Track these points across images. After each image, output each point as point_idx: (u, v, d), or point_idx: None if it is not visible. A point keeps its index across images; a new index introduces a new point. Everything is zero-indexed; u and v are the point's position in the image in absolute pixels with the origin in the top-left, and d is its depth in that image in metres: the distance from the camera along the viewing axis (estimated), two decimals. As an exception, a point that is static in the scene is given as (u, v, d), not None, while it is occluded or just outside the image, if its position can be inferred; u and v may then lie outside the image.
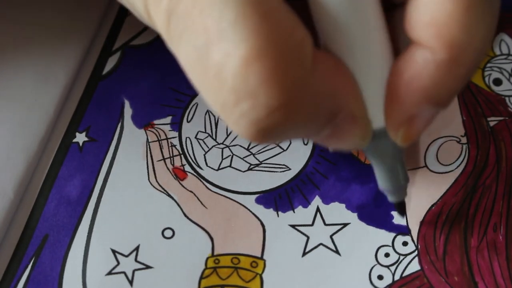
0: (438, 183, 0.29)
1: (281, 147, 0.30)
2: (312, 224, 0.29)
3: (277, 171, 0.30)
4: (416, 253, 0.28)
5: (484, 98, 0.31)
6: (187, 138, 0.31)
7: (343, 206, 0.29)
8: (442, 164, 0.30)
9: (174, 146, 0.31)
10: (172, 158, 0.30)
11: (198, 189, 0.30)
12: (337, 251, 0.28)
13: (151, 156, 0.30)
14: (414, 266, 0.28)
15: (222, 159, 0.30)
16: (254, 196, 0.29)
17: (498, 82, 0.32)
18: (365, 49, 0.20)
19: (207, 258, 0.28)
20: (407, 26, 0.20)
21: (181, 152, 0.31)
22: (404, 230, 0.28)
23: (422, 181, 0.29)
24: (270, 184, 0.30)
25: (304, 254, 0.28)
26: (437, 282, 0.27)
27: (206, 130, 0.31)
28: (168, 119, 0.31)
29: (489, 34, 0.20)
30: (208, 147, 0.31)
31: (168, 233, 0.29)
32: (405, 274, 0.28)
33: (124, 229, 0.29)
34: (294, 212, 0.29)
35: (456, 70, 0.20)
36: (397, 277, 0.27)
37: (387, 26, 0.21)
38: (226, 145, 0.31)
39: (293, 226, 0.29)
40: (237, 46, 0.17)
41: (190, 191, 0.30)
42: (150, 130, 0.31)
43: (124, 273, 0.28)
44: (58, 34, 0.33)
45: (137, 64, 0.33)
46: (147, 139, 0.31)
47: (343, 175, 0.30)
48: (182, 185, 0.30)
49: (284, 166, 0.30)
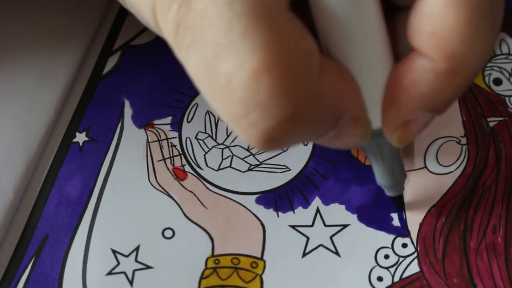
0: (438, 185, 0.29)
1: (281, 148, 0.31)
2: (312, 225, 0.29)
3: (277, 172, 0.30)
4: (415, 255, 0.28)
5: (484, 98, 0.31)
6: (187, 138, 0.31)
7: (343, 207, 0.29)
8: (441, 165, 0.30)
9: (174, 146, 0.31)
10: (172, 158, 0.30)
11: (198, 189, 0.30)
12: (337, 252, 0.28)
13: (151, 156, 0.30)
14: (414, 268, 0.28)
15: (222, 160, 0.30)
16: (254, 196, 0.29)
17: (498, 82, 0.32)
18: (366, 53, 0.20)
19: (207, 258, 0.28)
20: (409, 34, 0.20)
21: (181, 152, 0.31)
22: (403, 232, 0.28)
23: (422, 182, 0.29)
24: (270, 184, 0.30)
25: (304, 255, 0.28)
26: (436, 284, 0.27)
27: (206, 130, 0.31)
28: (168, 119, 0.31)
29: (489, 47, 0.20)
30: (208, 148, 0.31)
31: (168, 233, 0.29)
32: (404, 275, 0.28)
33: (124, 229, 0.29)
34: (294, 212, 0.29)
35: (454, 81, 0.20)
36: (396, 278, 0.28)
37: (389, 29, 0.21)
38: (226, 145, 0.31)
39: (293, 227, 0.29)
40: (246, 58, 0.18)
41: (190, 191, 0.30)
42: (150, 130, 0.31)
43: (124, 273, 0.28)
44: (58, 34, 0.33)
45: (137, 64, 0.33)
46: (147, 139, 0.31)
47: (343, 176, 0.30)
48: (182, 185, 0.30)
49: (284, 167, 0.30)
